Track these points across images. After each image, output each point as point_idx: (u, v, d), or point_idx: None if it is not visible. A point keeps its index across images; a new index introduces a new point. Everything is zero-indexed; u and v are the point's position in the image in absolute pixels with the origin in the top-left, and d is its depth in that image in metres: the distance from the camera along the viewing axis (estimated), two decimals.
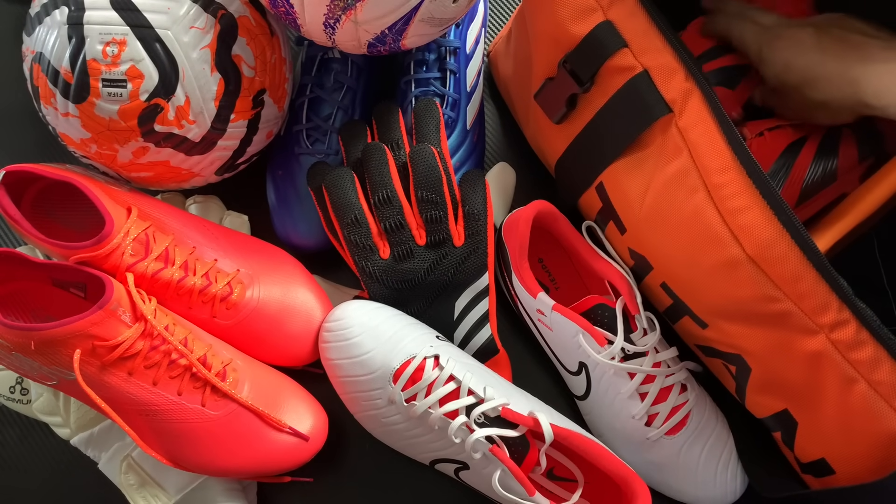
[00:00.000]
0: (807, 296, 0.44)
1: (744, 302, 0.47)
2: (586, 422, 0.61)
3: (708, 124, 0.46)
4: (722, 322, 0.50)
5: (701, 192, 0.47)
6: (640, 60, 0.48)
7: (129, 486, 0.56)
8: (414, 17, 0.52)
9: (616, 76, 0.49)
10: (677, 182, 0.48)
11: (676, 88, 0.47)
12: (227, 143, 0.55)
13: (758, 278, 0.45)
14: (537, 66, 0.56)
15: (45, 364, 0.47)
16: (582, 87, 0.51)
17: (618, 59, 0.49)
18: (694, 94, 0.47)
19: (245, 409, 0.53)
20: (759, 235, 0.44)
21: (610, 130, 0.52)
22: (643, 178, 0.51)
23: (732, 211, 0.45)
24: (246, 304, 0.56)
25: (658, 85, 0.48)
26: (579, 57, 0.51)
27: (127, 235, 0.50)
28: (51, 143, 0.67)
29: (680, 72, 0.47)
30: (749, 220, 0.45)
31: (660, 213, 0.50)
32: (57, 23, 0.49)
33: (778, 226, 0.44)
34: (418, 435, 0.53)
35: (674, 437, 0.56)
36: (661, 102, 0.48)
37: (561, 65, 0.52)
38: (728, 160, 0.45)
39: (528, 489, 0.50)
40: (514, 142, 0.69)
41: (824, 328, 0.44)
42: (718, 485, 0.56)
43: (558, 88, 0.54)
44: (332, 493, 0.60)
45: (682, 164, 0.47)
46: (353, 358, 0.53)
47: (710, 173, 0.46)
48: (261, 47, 0.54)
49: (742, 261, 0.45)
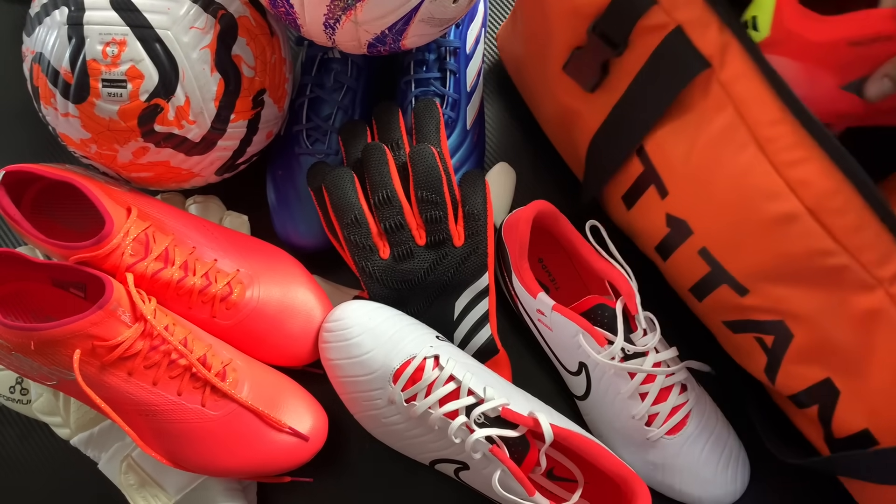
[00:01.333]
0: (867, 247, 0.42)
1: (796, 258, 0.45)
2: (586, 422, 0.61)
3: (752, 76, 0.44)
4: (767, 285, 0.48)
5: (751, 146, 0.45)
6: (672, 16, 0.47)
7: (129, 486, 0.56)
8: (414, 18, 0.52)
9: (649, 35, 0.48)
10: (725, 138, 0.46)
11: (713, 41, 0.45)
12: (227, 143, 0.55)
13: (814, 231, 0.44)
14: (558, 38, 0.55)
15: (44, 364, 0.47)
16: (615, 51, 0.50)
17: (650, 17, 0.47)
18: (732, 45, 0.45)
19: (245, 409, 0.53)
20: (818, 186, 0.43)
21: (649, 93, 0.50)
22: (687, 138, 0.49)
23: (788, 163, 0.44)
24: (246, 304, 0.56)
25: (693, 40, 0.46)
26: (610, 20, 0.50)
27: (127, 235, 0.50)
28: (51, 143, 0.67)
29: (714, 23, 0.45)
30: (807, 172, 0.43)
31: (706, 172, 0.48)
32: (57, 23, 0.49)
33: (839, 175, 0.42)
34: (418, 435, 0.53)
35: (674, 437, 0.56)
36: (698, 58, 0.46)
37: (590, 31, 0.51)
38: (778, 112, 0.43)
39: (528, 489, 0.50)
40: (514, 142, 0.69)
41: (884, 282, 0.43)
42: (719, 485, 0.56)
43: (590, 55, 0.52)
44: (332, 493, 0.60)
45: (727, 119, 0.46)
46: (353, 358, 0.53)
47: (760, 126, 0.44)
48: (261, 47, 0.54)
49: (798, 214, 0.44)
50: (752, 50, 0.44)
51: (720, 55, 0.45)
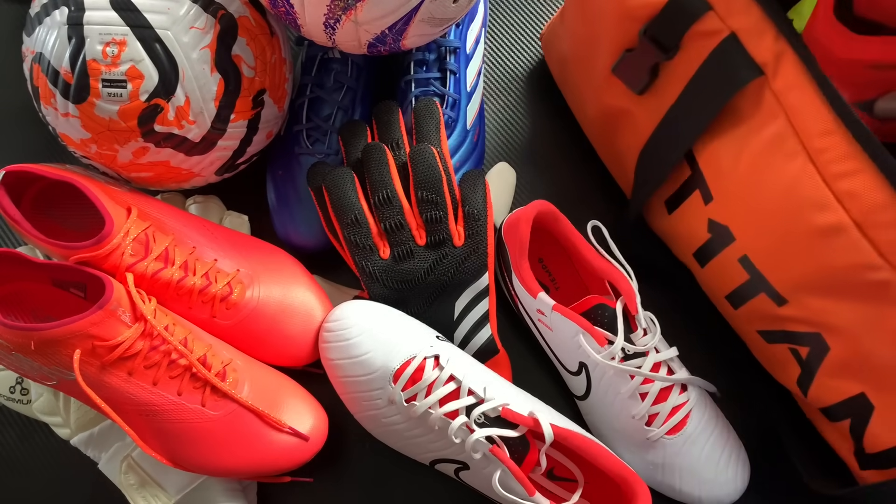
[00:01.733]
0: None
1: (839, 271, 0.45)
2: (586, 422, 0.61)
3: (805, 86, 0.44)
4: (806, 296, 0.49)
5: (801, 156, 0.45)
6: (726, 23, 0.47)
7: (129, 486, 0.56)
8: (414, 18, 0.52)
9: (702, 41, 0.48)
10: (774, 147, 0.47)
11: (767, 49, 0.45)
12: (227, 143, 0.55)
13: (860, 245, 0.44)
14: (609, 39, 0.55)
15: (45, 364, 0.47)
16: (666, 55, 0.50)
17: (703, 23, 0.47)
18: (787, 54, 0.45)
19: (245, 410, 0.53)
20: (867, 199, 0.43)
21: (700, 98, 0.50)
22: (736, 145, 0.49)
23: (837, 175, 0.44)
24: (246, 304, 0.56)
25: (747, 47, 0.46)
26: (663, 24, 0.50)
27: (127, 235, 0.50)
28: (51, 143, 0.67)
29: (769, 31, 0.45)
30: (857, 185, 0.43)
31: (754, 180, 0.48)
32: (57, 23, 0.49)
33: (889, 189, 0.42)
34: (418, 435, 0.53)
35: (674, 437, 0.56)
36: (751, 65, 0.46)
37: (642, 34, 0.51)
38: (830, 123, 0.43)
39: (528, 489, 0.50)
40: (514, 142, 0.69)
41: None
42: (719, 484, 0.56)
43: (640, 58, 0.52)
44: (332, 493, 0.60)
45: (778, 128, 0.46)
46: (353, 358, 0.53)
47: (811, 137, 0.44)
48: (261, 47, 0.54)
49: (845, 226, 0.44)
50: (808, 59, 0.44)
51: (774, 64, 0.45)
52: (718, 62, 0.48)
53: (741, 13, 0.46)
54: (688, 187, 0.55)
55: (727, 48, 0.47)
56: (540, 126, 0.70)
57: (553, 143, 0.69)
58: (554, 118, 0.70)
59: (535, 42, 0.73)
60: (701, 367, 0.61)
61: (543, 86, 0.71)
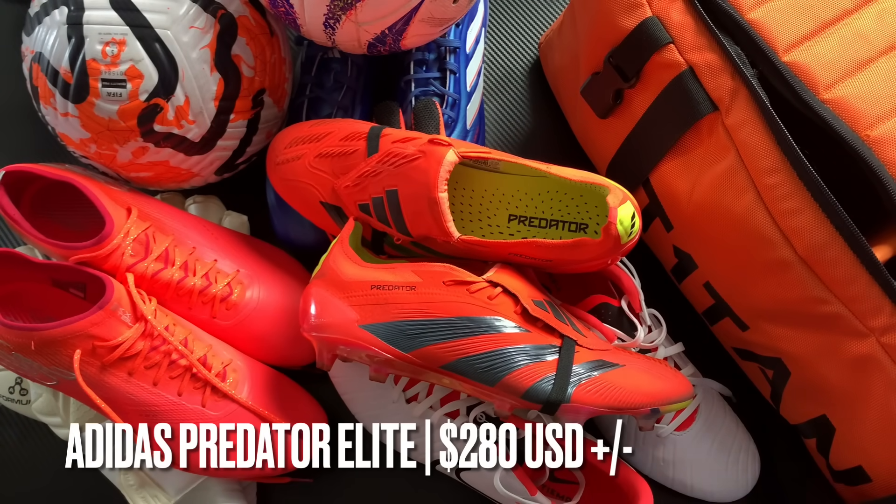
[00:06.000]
0: (859, 299, 0.43)
1: (791, 303, 0.46)
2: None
3: (756, 124, 0.45)
4: (765, 324, 0.50)
5: (750, 192, 0.46)
6: (685, 57, 0.48)
7: (128, 486, 0.56)
8: (414, 18, 0.51)
9: (662, 72, 0.49)
10: (725, 182, 0.47)
11: (723, 87, 0.46)
12: (227, 143, 0.55)
13: (808, 280, 0.45)
14: (584, 60, 0.56)
15: (44, 364, 0.47)
16: (627, 83, 0.51)
17: (663, 55, 0.48)
18: (741, 93, 0.46)
19: (245, 410, 0.53)
20: (811, 238, 0.44)
21: (657, 128, 0.51)
22: (690, 177, 0.50)
23: (784, 213, 0.45)
24: (246, 304, 0.55)
25: (704, 82, 0.47)
26: (625, 52, 0.51)
27: (127, 236, 0.50)
28: (51, 143, 0.67)
29: (726, 70, 0.46)
30: (801, 223, 0.44)
31: (707, 212, 0.50)
32: (56, 23, 0.49)
33: (831, 229, 0.43)
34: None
35: (683, 433, 0.56)
36: (706, 100, 0.47)
37: (607, 60, 0.52)
38: (778, 161, 0.44)
39: (529, 489, 0.50)
40: (514, 142, 0.69)
41: (875, 331, 0.44)
42: (730, 479, 0.56)
43: (604, 83, 0.53)
44: (332, 493, 0.60)
45: (729, 163, 0.47)
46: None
47: (760, 174, 0.45)
48: (260, 47, 0.54)
49: (793, 262, 0.45)
50: (759, 98, 0.45)
51: (729, 100, 0.46)
52: (675, 94, 0.49)
53: (701, 49, 0.47)
54: (648, 214, 0.56)
55: (684, 81, 0.48)
56: (540, 126, 0.70)
57: (553, 143, 0.69)
58: (554, 118, 0.70)
59: (535, 42, 0.73)
60: (708, 364, 0.61)
61: (543, 86, 0.71)
